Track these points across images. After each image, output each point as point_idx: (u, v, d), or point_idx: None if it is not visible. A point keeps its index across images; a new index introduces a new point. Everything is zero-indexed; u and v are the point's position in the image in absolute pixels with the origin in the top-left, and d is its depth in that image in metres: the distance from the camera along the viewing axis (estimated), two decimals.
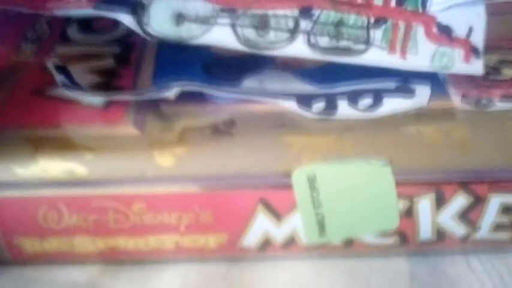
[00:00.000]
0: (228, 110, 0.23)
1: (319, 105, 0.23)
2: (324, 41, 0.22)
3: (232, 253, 0.24)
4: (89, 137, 0.22)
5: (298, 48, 0.22)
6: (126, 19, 0.21)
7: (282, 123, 0.23)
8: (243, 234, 0.23)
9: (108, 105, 0.23)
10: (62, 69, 0.24)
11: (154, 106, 0.23)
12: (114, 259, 0.24)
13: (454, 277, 0.24)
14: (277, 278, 0.24)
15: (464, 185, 0.23)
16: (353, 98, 0.23)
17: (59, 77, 0.23)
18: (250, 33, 0.22)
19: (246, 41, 0.22)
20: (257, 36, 0.22)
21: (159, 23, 0.21)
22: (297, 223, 0.23)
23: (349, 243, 0.24)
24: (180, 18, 0.21)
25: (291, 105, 0.23)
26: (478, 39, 0.23)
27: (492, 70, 0.25)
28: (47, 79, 0.24)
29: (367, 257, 0.25)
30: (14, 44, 0.26)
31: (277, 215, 0.23)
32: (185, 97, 0.23)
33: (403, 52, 0.23)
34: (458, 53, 0.23)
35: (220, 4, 0.21)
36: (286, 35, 0.22)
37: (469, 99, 0.23)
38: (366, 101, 0.23)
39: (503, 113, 0.23)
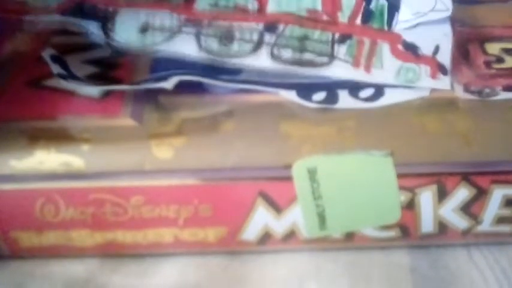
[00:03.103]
0: (227, 101, 0.23)
1: (319, 96, 0.23)
2: (287, 53, 0.23)
3: (231, 247, 0.24)
4: (86, 128, 0.22)
5: (261, 59, 0.23)
6: (93, 26, 0.22)
7: (281, 114, 0.22)
8: (242, 227, 0.23)
9: (105, 96, 0.23)
10: (58, 60, 0.23)
11: (152, 97, 0.23)
12: (112, 253, 0.24)
13: (456, 270, 0.24)
14: (277, 271, 0.24)
15: (467, 177, 0.22)
16: (354, 88, 0.23)
17: (55, 67, 0.23)
18: (213, 42, 0.22)
19: (208, 50, 0.22)
20: (220, 46, 0.22)
21: (124, 31, 0.22)
22: (297, 216, 0.23)
23: (349, 236, 0.24)
24: (145, 27, 0.22)
25: (290, 96, 0.23)
26: (445, 57, 0.24)
27: (495, 59, 0.24)
28: (43, 70, 0.23)
29: (368, 250, 0.25)
30: (9, 34, 0.26)
31: (277, 207, 0.23)
32: (183, 88, 0.23)
33: (368, 66, 0.23)
34: (424, 69, 0.23)
35: (187, 15, 0.23)
36: (249, 46, 0.23)
37: (471, 89, 0.23)
38: (367, 91, 0.23)
39: (507, 103, 0.23)
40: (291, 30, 0.23)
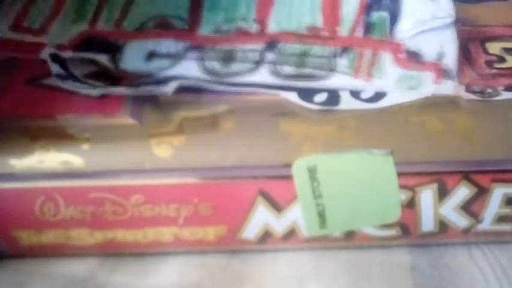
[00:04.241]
0: (228, 100, 0.23)
1: (320, 97, 0.23)
2: (287, 70, 0.23)
3: (231, 245, 0.24)
4: (86, 127, 0.22)
5: (262, 77, 0.23)
6: (103, 58, 0.23)
7: (281, 112, 0.22)
8: (242, 226, 0.23)
9: (105, 95, 0.23)
10: (57, 59, 0.23)
11: (152, 96, 0.23)
12: (112, 252, 0.24)
13: (456, 269, 0.24)
14: (277, 270, 0.24)
15: (468, 175, 0.22)
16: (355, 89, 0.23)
17: (54, 67, 0.23)
18: (215, 65, 0.23)
19: (210, 72, 0.23)
20: (222, 68, 0.23)
21: (132, 60, 0.23)
22: (297, 215, 0.23)
23: (350, 235, 0.24)
24: (151, 55, 0.23)
25: (292, 97, 0.23)
26: (450, 62, 0.24)
27: (496, 59, 0.24)
28: (43, 68, 0.23)
29: (368, 248, 0.25)
30: None
31: (277, 206, 0.23)
32: (184, 87, 0.22)
33: (368, 76, 0.23)
34: (428, 75, 0.23)
35: (190, 41, 0.24)
36: (250, 66, 0.23)
37: (473, 88, 0.23)
38: (369, 92, 0.23)
39: (508, 103, 0.23)
40: (291, 47, 0.24)
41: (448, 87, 0.23)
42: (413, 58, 0.24)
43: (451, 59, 0.24)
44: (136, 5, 0.25)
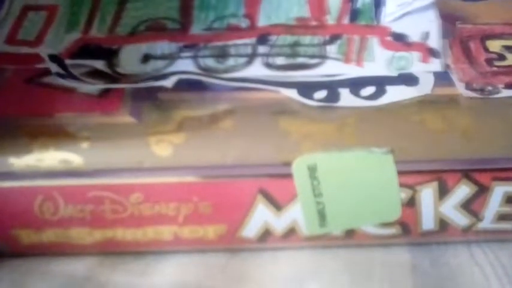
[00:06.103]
0: (227, 98, 0.23)
1: (320, 94, 0.23)
2: (280, 60, 0.24)
3: (231, 244, 0.24)
4: (85, 126, 0.22)
5: (256, 70, 0.23)
6: (99, 64, 0.24)
7: (281, 111, 0.22)
8: (242, 225, 0.23)
9: (104, 93, 0.23)
10: (56, 59, 0.23)
11: (151, 94, 0.23)
12: (111, 250, 0.24)
13: (457, 268, 0.24)
14: (277, 269, 0.24)
15: (468, 174, 0.22)
16: (355, 86, 0.23)
17: (52, 66, 0.23)
18: (210, 61, 0.24)
19: (206, 68, 0.23)
20: (217, 64, 0.23)
21: (128, 64, 0.24)
22: (297, 213, 0.23)
23: (350, 233, 0.24)
24: (146, 57, 0.24)
25: (291, 94, 0.23)
26: (435, 41, 0.24)
27: (496, 56, 0.24)
28: (42, 67, 0.23)
29: (369, 247, 0.25)
30: None
31: (277, 205, 0.23)
32: (183, 85, 0.23)
33: (359, 60, 0.24)
34: (416, 55, 0.24)
35: (183, 42, 0.24)
36: (244, 60, 0.24)
37: (473, 86, 0.23)
38: (369, 89, 0.23)
39: (508, 100, 0.23)
40: (283, 39, 0.24)
41: (438, 65, 0.24)
42: (400, 40, 0.24)
43: (435, 38, 0.24)
44: (128, 10, 0.26)
